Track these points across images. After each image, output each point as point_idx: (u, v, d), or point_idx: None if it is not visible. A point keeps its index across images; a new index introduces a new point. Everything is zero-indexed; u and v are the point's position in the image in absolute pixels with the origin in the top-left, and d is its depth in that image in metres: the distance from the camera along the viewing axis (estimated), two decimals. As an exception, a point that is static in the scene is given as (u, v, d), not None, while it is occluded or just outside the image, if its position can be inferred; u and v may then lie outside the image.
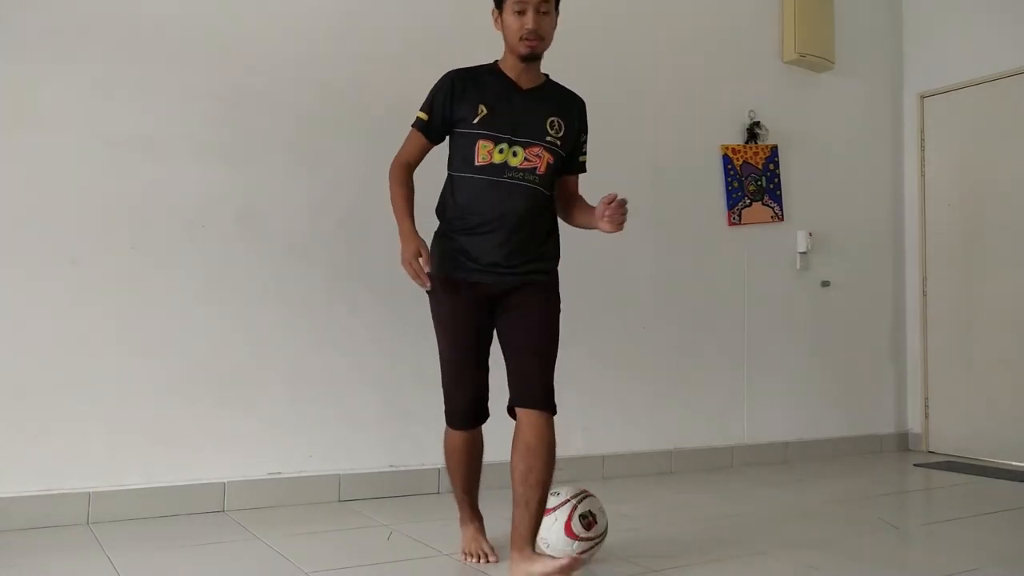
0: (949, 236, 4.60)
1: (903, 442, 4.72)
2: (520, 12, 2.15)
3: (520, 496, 2.08)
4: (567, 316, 2.28)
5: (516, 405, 2.16)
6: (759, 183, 4.23)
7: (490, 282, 2.19)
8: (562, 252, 2.37)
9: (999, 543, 2.65)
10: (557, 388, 2.19)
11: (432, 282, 2.14)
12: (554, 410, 2.15)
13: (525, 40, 2.16)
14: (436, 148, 2.31)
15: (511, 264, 2.19)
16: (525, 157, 2.21)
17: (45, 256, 2.61)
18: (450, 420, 2.30)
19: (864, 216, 4.69)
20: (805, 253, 4.36)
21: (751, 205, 4.20)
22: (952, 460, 4.36)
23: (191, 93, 2.86)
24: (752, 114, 4.23)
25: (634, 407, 3.77)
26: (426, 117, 2.25)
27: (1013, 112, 4.32)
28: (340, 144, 3.11)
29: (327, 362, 3.05)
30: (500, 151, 2.19)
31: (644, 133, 3.88)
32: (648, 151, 3.88)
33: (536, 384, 2.14)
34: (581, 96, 2.35)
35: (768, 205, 4.25)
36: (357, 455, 3.09)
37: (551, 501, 2.20)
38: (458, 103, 2.21)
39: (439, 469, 3.17)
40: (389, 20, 3.24)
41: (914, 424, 4.73)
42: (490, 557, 2.26)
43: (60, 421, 2.60)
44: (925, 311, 4.69)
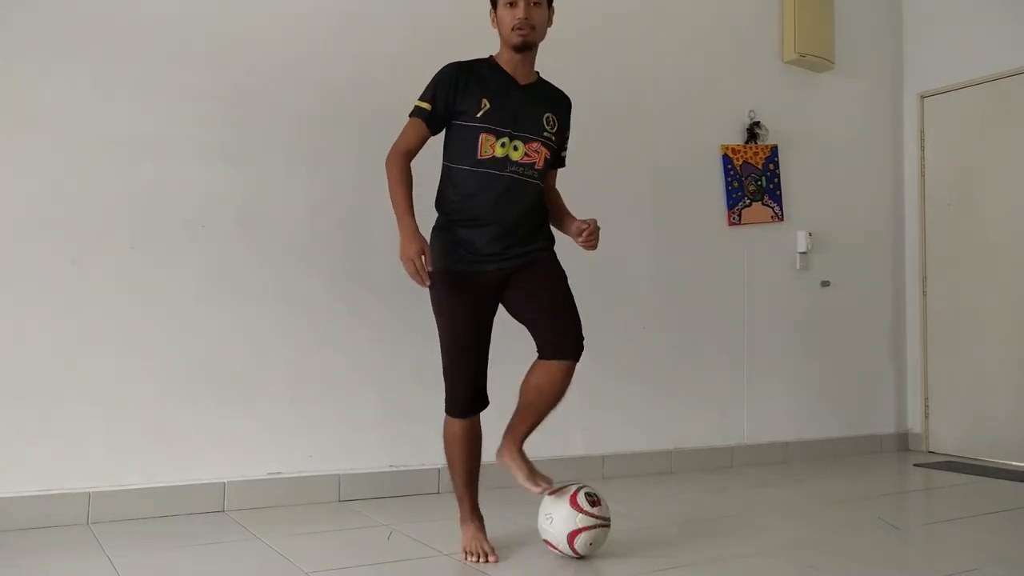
0: (949, 236, 4.60)
1: (903, 442, 4.72)
2: (511, 4, 2.24)
3: (530, 400, 2.24)
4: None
5: (551, 358, 2.23)
6: (759, 183, 4.23)
7: (491, 270, 2.26)
8: (563, 252, 2.41)
9: (999, 543, 2.64)
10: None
11: (434, 275, 2.18)
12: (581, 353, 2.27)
13: (517, 30, 2.23)
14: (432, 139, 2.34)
15: (510, 254, 2.27)
16: (525, 152, 2.28)
17: (45, 256, 2.61)
18: (451, 409, 2.32)
19: (864, 216, 4.69)
20: (805, 253, 4.36)
21: (751, 205, 4.20)
22: (952, 460, 4.36)
23: (191, 93, 2.86)
24: (752, 114, 4.23)
25: (634, 407, 3.77)
26: (429, 107, 2.27)
27: (1013, 112, 4.32)
28: (340, 144, 3.11)
29: (327, 362, 3.05)
30: (502, 145, 2.24)
31: (644, 133, 3.87)
32: (648, 151, 3.88)
33: (570, 340, 2.24)
34: (580, 96, 2.38)
35: (768, 205, 4.25)
36: (357, 455, 3.09)
37: (556, 488, 2.30)
38: (461, 95, 2.25)
39: (439, 469, 3.17)
40: (389, 20, 3.24)
41: (914, 424, 4.73)
42: (490, 557, 2.26)
43: (60, 421, 2.60)
44: (925, 311, 4.69)
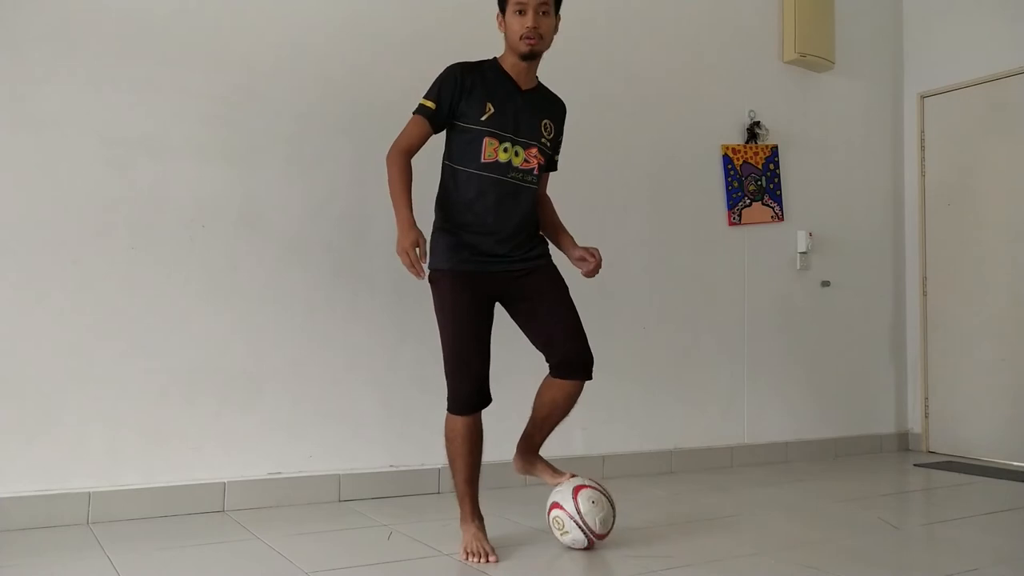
0: (949, 236, 4.60)
1: (903, 442, 4.72)
2: (520, 12, 2.26)
3: (547, 414, 2.40)
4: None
5: (562, 378, 2.35)
6: (759, 183, 4.23)
7: (495, 271, 2.31)
8: (562, 254, 2.44)
9: (999, 543, 2.64)
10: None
11: (436, 274, 2.25)
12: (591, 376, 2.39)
13: (526, 39, 2.26)
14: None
15: (514, 257, 2.33)
16: (525, 158, 2.34)
17: (45, 256, 2.61)
18: (455, 407, 2.32)
19: (864, 216, 4.69)
20: (805, 253, 4.36)
21: (751, 205, 4.20)
22: (952, 460, 4.36)
23: (191, 93, 2.85)
24: (752, 114, 4.23)
25: (634, 407, 3.77)
26: (433, 106, 2.30)
27: (1013, 112, 4.32)
28: (340, 144, 3.11)
29: (327, 362, 3.05)
30: (504, 150, 2.29)
31: (644, 133, 3.87)
32: (648, 151, 3.88)
33: (580, 362, 2.34)
34: (581, 95, 2.42)
35: (768, 205, 4.25)
36: (357, 455, 3.09)
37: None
38: (466, 97, 2.28)
39: (439, 469, 3.17)
40: (389, 20, 3.24)
41: (914, 424, 4.73)
42: (491, 557, 2.26)
43: (60, 421, 2.60)
44: (925, 311, 4.69)
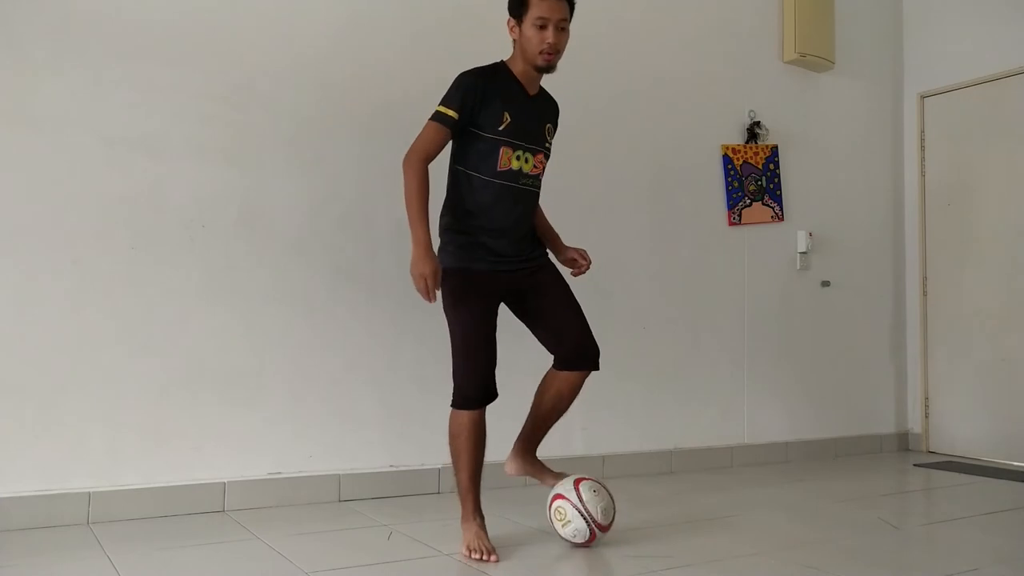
0: (949, 236, 4.60)
1: (903, 442, 4.72)
2: (541, 27, 2.30)
3: (552, 407, 2.47)
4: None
5: (571, 369, 2.43)
6: (759, 183, 4.23)
7: (505, 270, 2.38)
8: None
9: (999, 543, 2.64)
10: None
11: (449, 273, 2.32)
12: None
13: (545, 54, 2.32)
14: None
15: (523, 256, 2.44)
16: (534, 164, 2.42)
17: (45, 256, 2.61)
18: (463, 402, 2.34)
19: (864, 216, 4.69)
20: (805, 253, 4.36)
21: (751, 205, 4.20)
22: (952, 460, 4.36)
23: (191, 93, 2.85)
24: (752, 114, 4.23)
25: (634, 407, 3.77)
26: (456, 116, 2.30)
27: (1013, 112, 4.32)
28: (340, 144, 3.11)
29: (327, 362, 3.05)
30: (517, 158, 2.36)
31: (644, 133, 3.87)
32: (648, 151, 3.88)
33: (590, 353, 2.44)
34: (581, 96, 2.46)
35: (768, 205, 4.25)
36: (357, 455, 3.09)
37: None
38: (485, 107, 2.32)
39: (439, 469, 3.17)
40: (389, 21, 3.23)
41: (914, 424, 4.73)
42: (492, 556, 2.26)
43: (60, 421, 2.60)
44: (925, 311, 4.69)
